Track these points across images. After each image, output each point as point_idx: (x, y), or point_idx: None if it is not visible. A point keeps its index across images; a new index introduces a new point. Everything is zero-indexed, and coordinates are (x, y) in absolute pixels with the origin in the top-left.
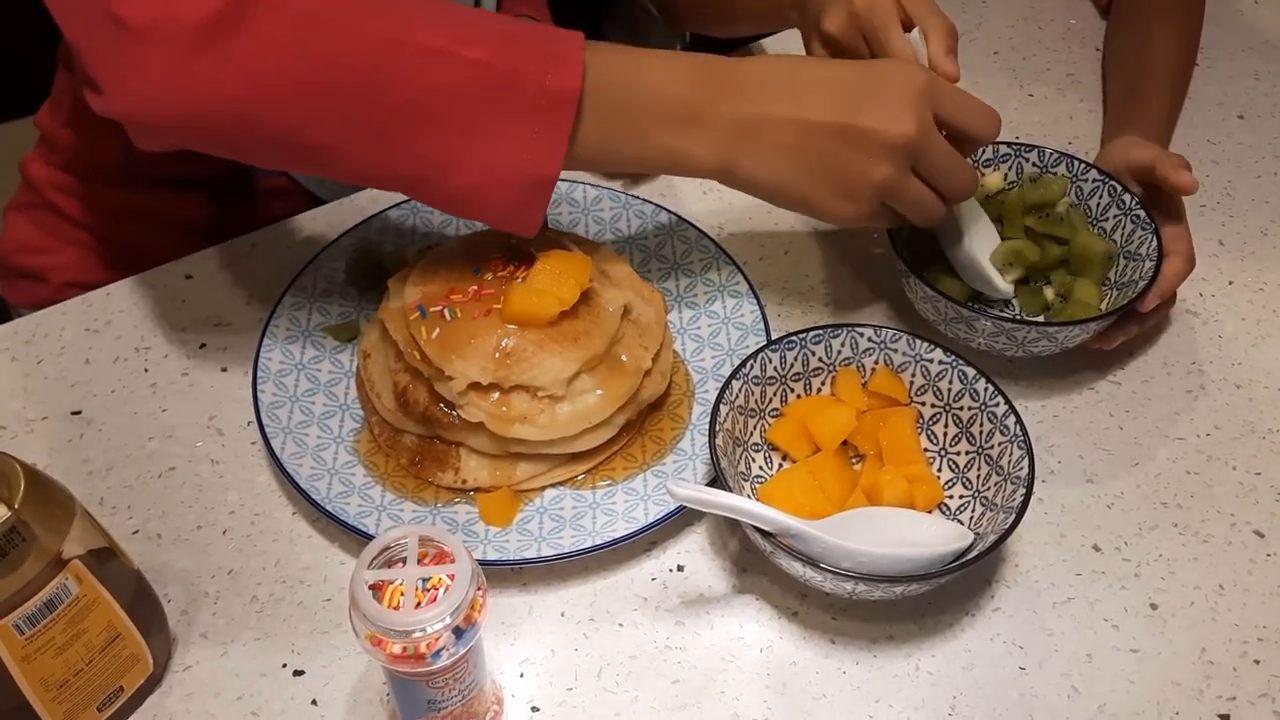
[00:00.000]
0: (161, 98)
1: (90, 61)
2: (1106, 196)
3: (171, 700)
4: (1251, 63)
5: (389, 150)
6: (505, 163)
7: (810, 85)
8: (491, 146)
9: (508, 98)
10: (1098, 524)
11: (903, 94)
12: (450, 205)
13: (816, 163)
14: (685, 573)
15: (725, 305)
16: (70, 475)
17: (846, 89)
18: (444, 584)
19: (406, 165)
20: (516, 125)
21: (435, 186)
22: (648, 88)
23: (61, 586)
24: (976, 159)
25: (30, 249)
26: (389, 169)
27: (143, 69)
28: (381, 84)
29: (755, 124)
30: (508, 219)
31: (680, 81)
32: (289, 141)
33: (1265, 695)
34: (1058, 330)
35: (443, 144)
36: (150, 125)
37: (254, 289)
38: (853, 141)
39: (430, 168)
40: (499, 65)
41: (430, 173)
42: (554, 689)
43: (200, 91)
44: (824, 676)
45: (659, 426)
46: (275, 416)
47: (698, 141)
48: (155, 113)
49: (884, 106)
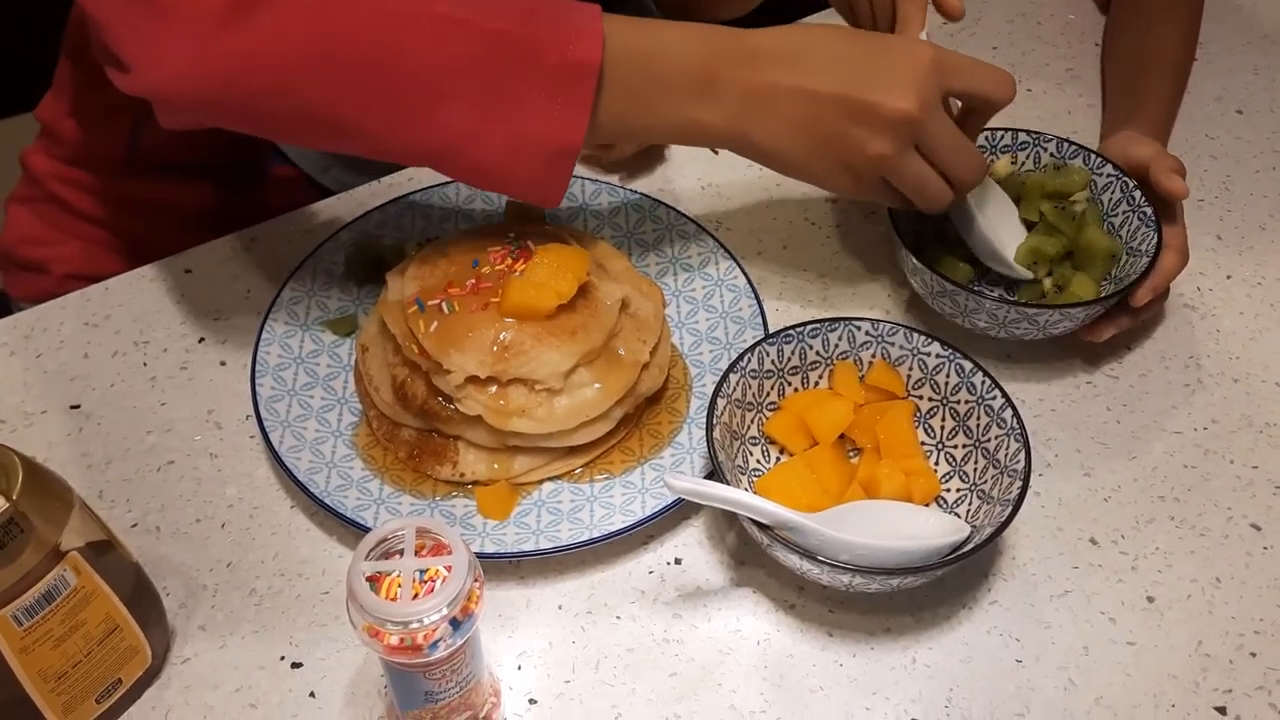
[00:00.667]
0: (188, 73)
1: (115, 38)
2: (1118, 192)
3: (170, 692)
4: (1250, 57)
5: (411, 123)
6: (528, 134)
7: (819, 57)
8: (513, 118)
9: (528, 69)
10: (1094, 517)
11: (907, 70)
12: (475, 178)
13: (821, 134)
14: (683, 566)
15: (723, 299)
16: (69, 469)
17: (853, 62)
18: (441, 575)
19: (430, 138)
20: (538, 96)
21: (459, 159)
22: (664, 58)
23: (60, 578)
24: (995, 144)
25: (32, 241)
26: (413, 142)
27: (169, 44)
28: (401, 56)
29: (766, 93)
30: (531, 191)
31: (695, 52)
32: (313, 115)
33: (1261, 688)
34: (1038, 313)
35: (464, 116)
36: (177, 101)
37: (253, 283)
38: (855, 114)
39: (453, 140)
40: (518, 36)
41: (453, 145)
42: (551, 681)
43: (226, 65)
44: (821, 669)
45: (656, 420)
46: (274, 410)
47: (712, 110)
48: (182, 89)
49: (887, 82)
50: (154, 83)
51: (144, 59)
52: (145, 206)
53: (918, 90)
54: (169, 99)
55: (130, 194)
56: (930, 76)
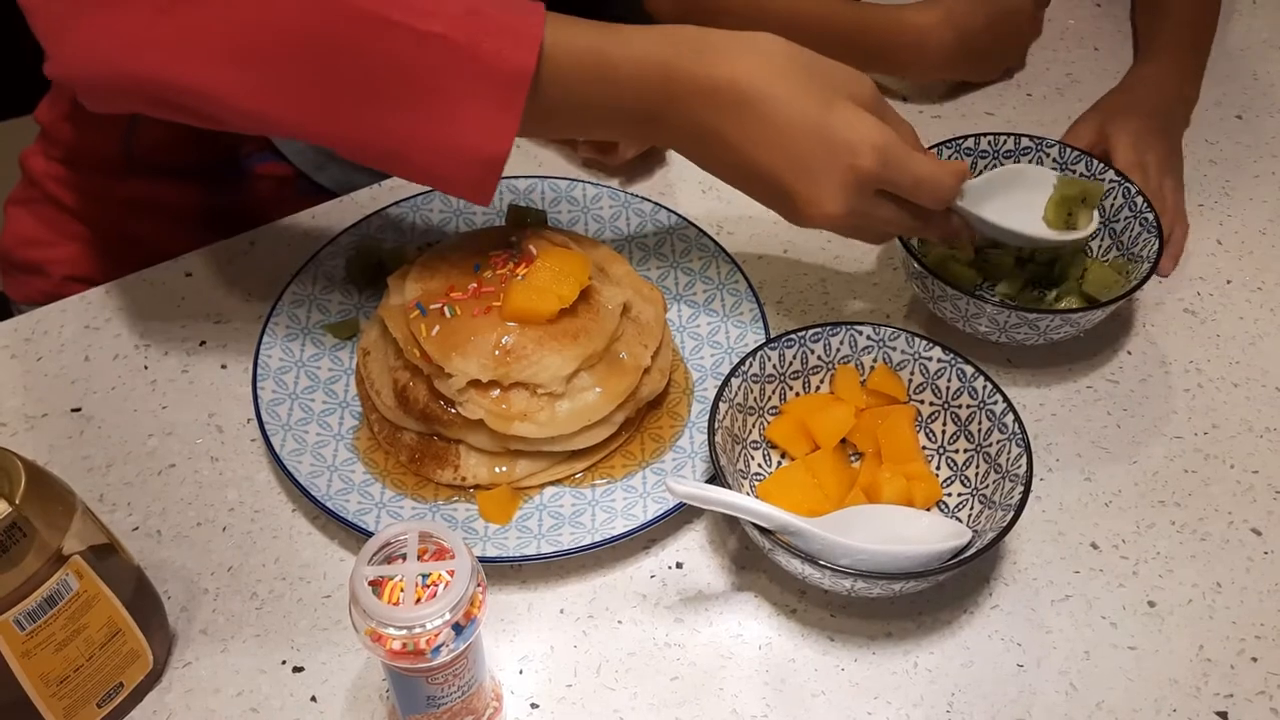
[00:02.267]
0: (103, 60)
1: (38, 25)
2: (1120, 198)
3: (171, 696)
4: (1250, 63)
5: (346, 123)
6: (457, 140)
7: (766, 117)
8: (444, 123)
9: (461, 73)
10: (1096, 522)
11: (843, 174)
12: (416, 178)
13: (762, 195)
14: (684, 570)
15: (724, 303)
16: (70, 472)
17: (795, 142)
18: (444, 580)
19: (367, 139)
20: (469, 102)
21: (399, 161)
22: (612, 72)
23: (62, 582)
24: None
25: (31, 243)
26: (353, 142)
27: (87, 33)
28: (337, 56)
29: (708, 137)
30: (465, 193)
31: (643, 76)
32: (244, 109)
33: (1263, 693)
34: (1039, 318)
35: (399, 120)
36: (95, 89)
37: (254, 286)
38: (785, 200)
39: (392, 143)
40: (454, 39)
41: (392, 148)
42: (553, 686)
43: (141, 55)
44: (822, 674)
45: (658, 424)
46: (275, 414)
47: (652, 133)
48: (98, 76)
49: (817, 181)
50: (73, 69)
51: (63, 46)
52: (142, 206)
53: (846, 199)
54: (87, 86)
55: (127, 194)
56: (867, 182)
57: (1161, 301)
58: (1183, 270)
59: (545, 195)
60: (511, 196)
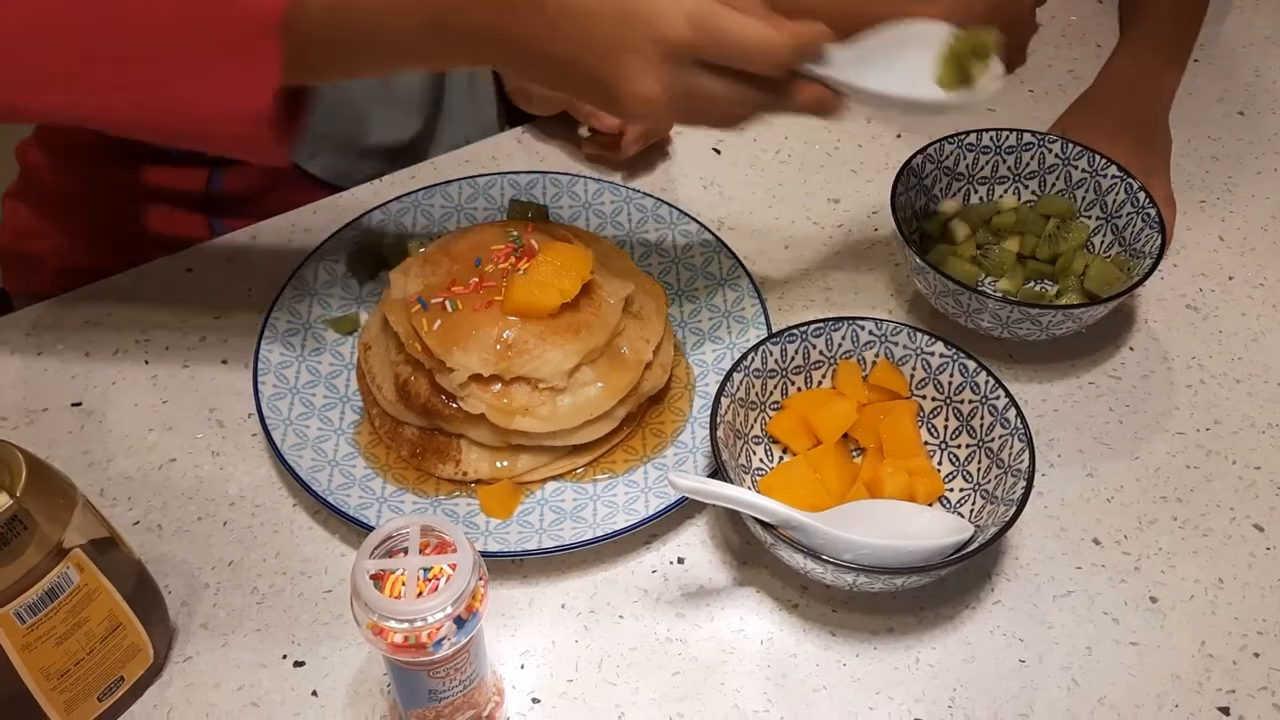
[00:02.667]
0: None
1: None
2: (1123, 194)
3: (172, 690)
4: (1252, 59)
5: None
6: (217, 100)
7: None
8: (199, 84)
9: (209, 29)
10: (1098, 517)
11: (650, 47)
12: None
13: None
14: (686, 565)
15: (726, 299)
16: (71, 467)
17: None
18: (445, 574)
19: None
20: (223, 58)
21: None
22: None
23: (63, 575)
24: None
25: (29, 234)
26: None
27: None
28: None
29: (499, 40)
30: (251, 155)
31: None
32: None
33: (1265, 688)
34: (1041, 313)
35: (156, 87)
36: None
37: (254, 281)
38: (597, 89)
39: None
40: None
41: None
42: (554, 680)
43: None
44: (824, 668)
45: (659, 419)
46: (276, 408)
47: (441, 53)
48: None
49: (623, 61)
50: None
51: None
52: (136, 195)
53: (660, 77)
54: None
55: (120, 183)
56: (681, 51)
57: (1163, 297)
58: (1185, 266)
59: (547, 190)
60: (513, 191)
